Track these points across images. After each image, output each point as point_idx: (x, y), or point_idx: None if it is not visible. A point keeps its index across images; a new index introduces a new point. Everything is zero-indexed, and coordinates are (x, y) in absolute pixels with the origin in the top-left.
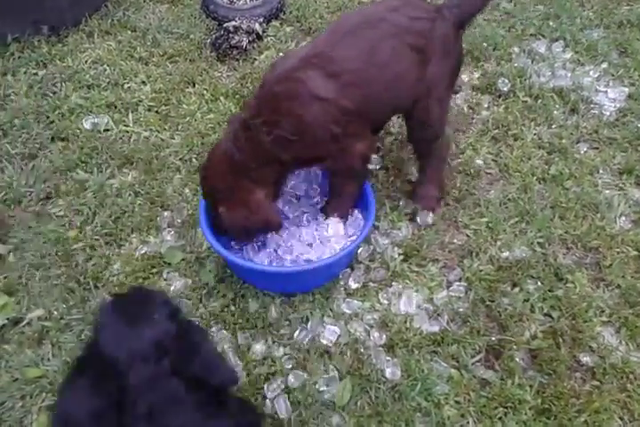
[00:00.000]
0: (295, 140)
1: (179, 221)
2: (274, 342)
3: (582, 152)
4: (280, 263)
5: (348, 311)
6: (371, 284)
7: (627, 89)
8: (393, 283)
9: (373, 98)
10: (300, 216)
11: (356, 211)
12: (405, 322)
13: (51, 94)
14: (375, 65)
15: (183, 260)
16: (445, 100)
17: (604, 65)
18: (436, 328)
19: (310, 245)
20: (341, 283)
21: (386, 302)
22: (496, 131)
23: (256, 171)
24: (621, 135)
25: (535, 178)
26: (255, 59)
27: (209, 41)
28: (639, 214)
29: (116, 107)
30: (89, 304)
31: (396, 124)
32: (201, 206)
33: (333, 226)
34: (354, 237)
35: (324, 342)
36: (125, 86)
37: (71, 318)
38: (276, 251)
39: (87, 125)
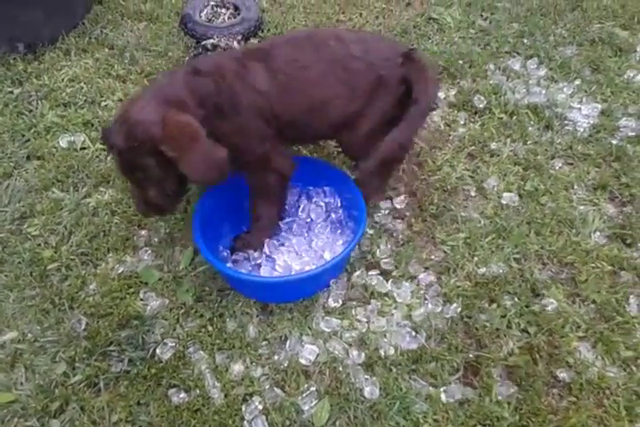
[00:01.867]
0: (228, 115)
1: (156, 240)
2: (252, 362)
3: (557, 168)
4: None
5: (326, 330)
6: (349, 302)
7: (599, 105)
8: (371, 300)
9: (303, 110)
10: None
11: (345, 218)
12: (384, 340)
13: (26, 113)
14: (309, 80)
15: (160, 279)
16: (373, 137)
17: (578, 82)
18: (414, 346)
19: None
20: (320, 301)
21: (364, 319)
22: (472, 147)
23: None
24: (595, 151)
25: (511, 194)
26: None
27: (187, 59)
28: (613, 229)
29: (92, 125)
30: (64, 326)
31: None
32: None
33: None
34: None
35: (303, 361)
36: (102, 104)
37: (45, 340)
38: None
39: (63, 144)
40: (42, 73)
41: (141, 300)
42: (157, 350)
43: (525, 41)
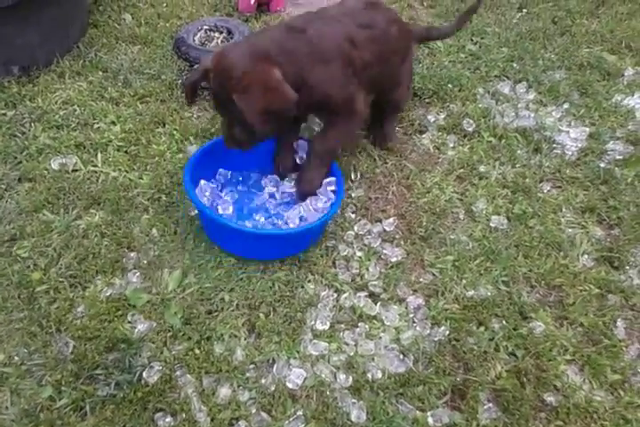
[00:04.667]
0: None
1: (145, 262)
2: (239, 385)
3: (545, 191)
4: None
5: (314, 353)
6: (337, 324)
7: (587, 129)
8: (359, 323)
9: (383, 58)
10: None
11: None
12: (372, 363)
13: (19, 135)
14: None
15: (148, 302)
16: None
17: (566, 105)
18: (402, 369)
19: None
20: (308, 324)
21: (352, 342)
22: (461, 170)
23: (279, 60)
24: (583, 174)
25: (500, 217)
26: None
27: (180, 82)
28: (601, 252)
29: (84, 147)
30: (51, 349)
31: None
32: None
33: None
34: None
35: (290, 385)
36: (95, 126)
37: (32, 363)
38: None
39: (55, 166)
40: (36, 95)
41: (129, 322)
42: (144, 374)
43: (515, 65)
